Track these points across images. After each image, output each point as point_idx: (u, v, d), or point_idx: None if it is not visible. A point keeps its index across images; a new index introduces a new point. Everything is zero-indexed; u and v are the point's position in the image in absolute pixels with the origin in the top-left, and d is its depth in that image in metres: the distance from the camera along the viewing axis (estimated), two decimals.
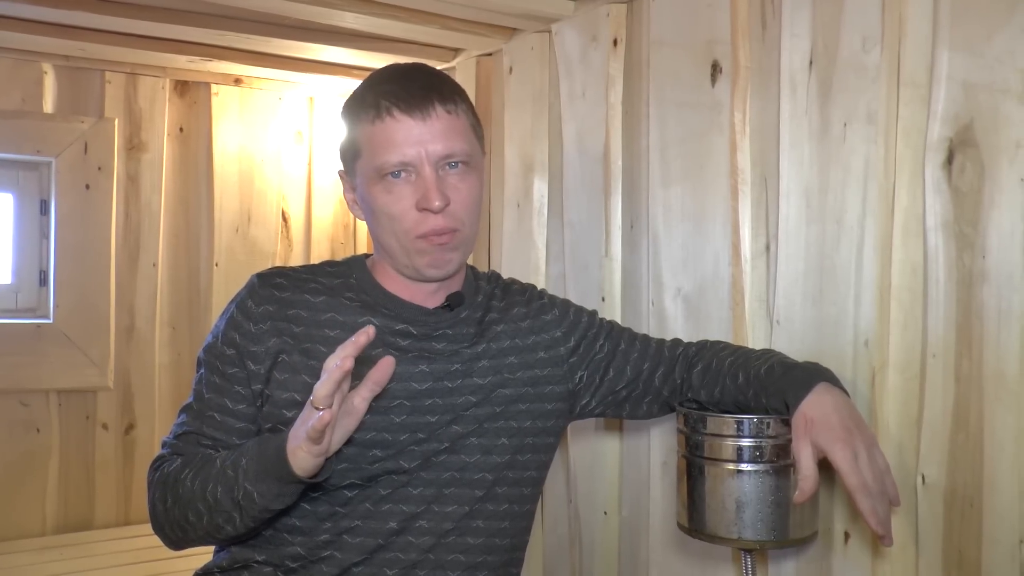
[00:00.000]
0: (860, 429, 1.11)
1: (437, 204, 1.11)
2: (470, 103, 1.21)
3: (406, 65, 1.22)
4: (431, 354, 1.18)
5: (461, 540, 1.18)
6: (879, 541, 1.09)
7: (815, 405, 1.12)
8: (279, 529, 1.15)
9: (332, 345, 1.05)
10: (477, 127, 1.21)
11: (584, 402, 1.33)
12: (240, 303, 1.18)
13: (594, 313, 1.38)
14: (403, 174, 1.13)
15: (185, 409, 1.19)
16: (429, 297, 1.21)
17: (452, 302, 1.22)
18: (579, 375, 1.31)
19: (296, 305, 1.17)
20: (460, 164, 1.15)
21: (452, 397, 1.18)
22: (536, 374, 1.26)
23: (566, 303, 1.37)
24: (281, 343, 1.14)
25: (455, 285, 1.24)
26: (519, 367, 1.24)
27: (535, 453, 1.26)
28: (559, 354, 1.29)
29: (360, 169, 1.16)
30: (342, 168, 1.23)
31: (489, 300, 1.28)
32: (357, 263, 1.25)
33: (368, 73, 2.40)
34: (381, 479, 1.15)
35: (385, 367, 0.99)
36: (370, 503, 1.15)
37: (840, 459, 1.07)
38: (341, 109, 1.22)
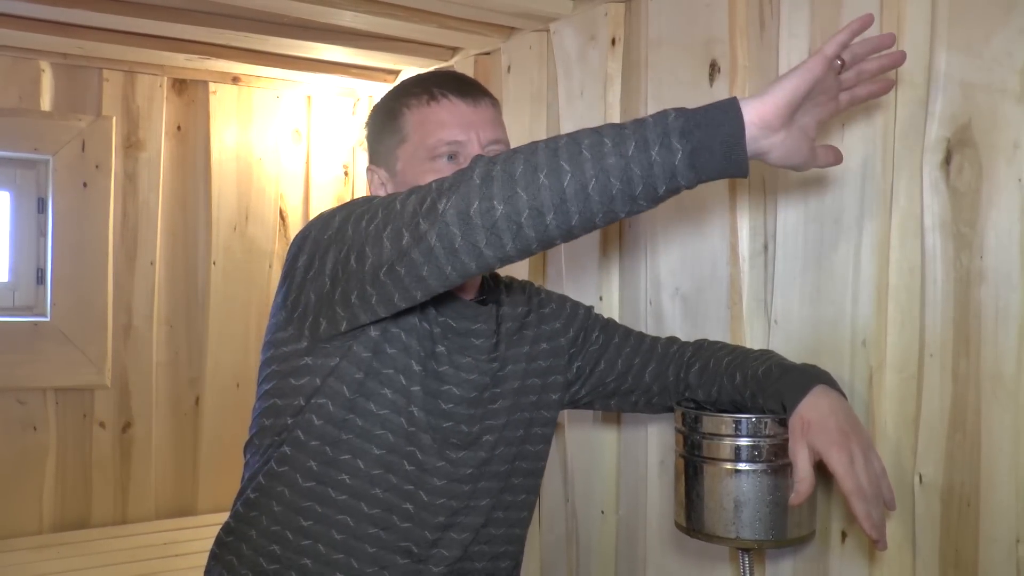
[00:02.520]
0: (857, 432, 1.11)
1: None
2: None
3: (450, 71, 1.32)
4: (471, 347, 1.20)
5: (486, 531, 1.20)
6: (875, 545, 1.09)
7: (812, 407, 1.12)
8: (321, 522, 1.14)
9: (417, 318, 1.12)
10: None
11: (574, 389, 1.36)
12: None
13: (590, 308, 1.42)
14: (452, 157, 1.15)
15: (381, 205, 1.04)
16: (465, 286, 1.22)
17: (488, 297, 1.25)
18: (575, 365, 1.35)
19: None
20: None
21: (487, 391, 1.21)
22: (541, 366, 1.29)
23: (562, 297, 1.40)
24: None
25: (477, 279, 1.26)
26: (527, 359, 1.27)
27: (544, 444, 1.30)
28: (560, 345, 1.33)
29: (405, 153, 1.18)
30: (371, 163, 1.24)
31: (498, 297, 1.30)
32: None
33: (367, 72, 2.42)
34: (439, 467, 1.15)
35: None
36: (424, 492, 1.15)
37: (836, 463, 1.07)
38: (376, 109, 1.25)
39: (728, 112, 0.88)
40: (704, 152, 0.88)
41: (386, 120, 1.21)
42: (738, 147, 0.88)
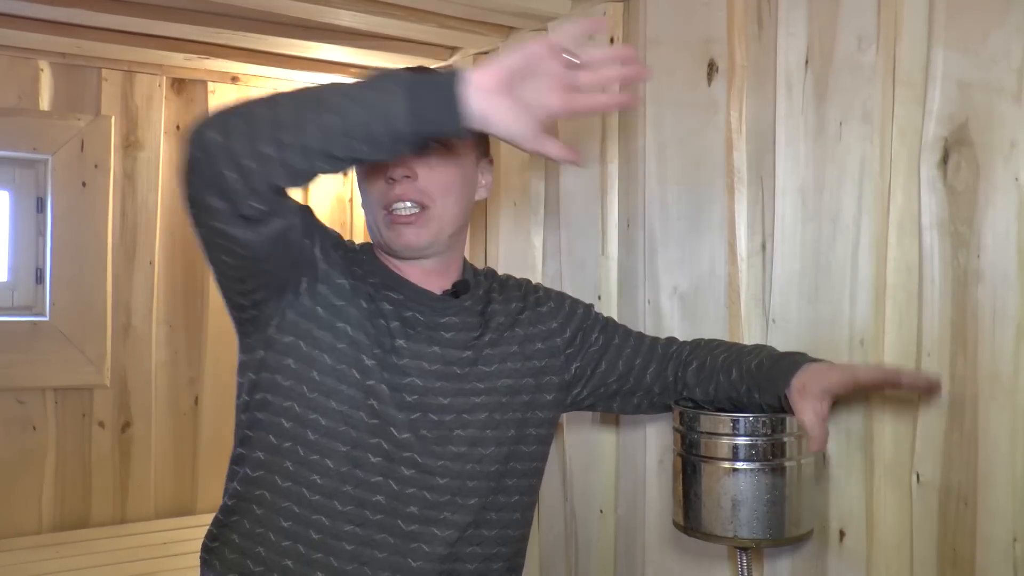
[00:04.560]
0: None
1: (398, 171, 1.14)
2: None
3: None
4: (441, 339, 1.20)
5: (477, 532, 1.19)
6: (931, 391, 1.14)
7: (803, 374, 1.16)
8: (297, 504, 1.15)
9: (337, 316, 1.14)
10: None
11: (576, 391, 1.34)
12: (343, 244, 1.24)
13: (590, 306, 1.39)
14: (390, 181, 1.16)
15: None
16: (430, 280, 1.23)
17: (459, 288, 1.24)
18: (574, 366, 1.33)
19: (354, 265, 1.21)
20: (442, 147, 1.17)
21: (461, 383, 1.19)
22: (535, 365, 1.27)
23: (561, 295, 1.38)
24: (340, 283, 1.16)
25: (454, 274, 1.26)
26: (520, 358, 1.26)
27: (539, 444, 1.27)
28: (556, 345, 1.31)
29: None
30: None
31: (489, 293, 1.29)
32: (366, 247, 1.28)
33: (364, 71, 2.41)
34: (405, 456, 1.14)
35: None
36: (394, 482, 1.14)
37: (840, 375, 1.12)
38: None
39: (449, 72, 0.93)
40: (423, 97, 0.92)
41: None
42: (453, 97, 0.91)
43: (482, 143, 1.26)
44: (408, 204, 1.16)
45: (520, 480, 1.25)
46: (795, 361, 1.20)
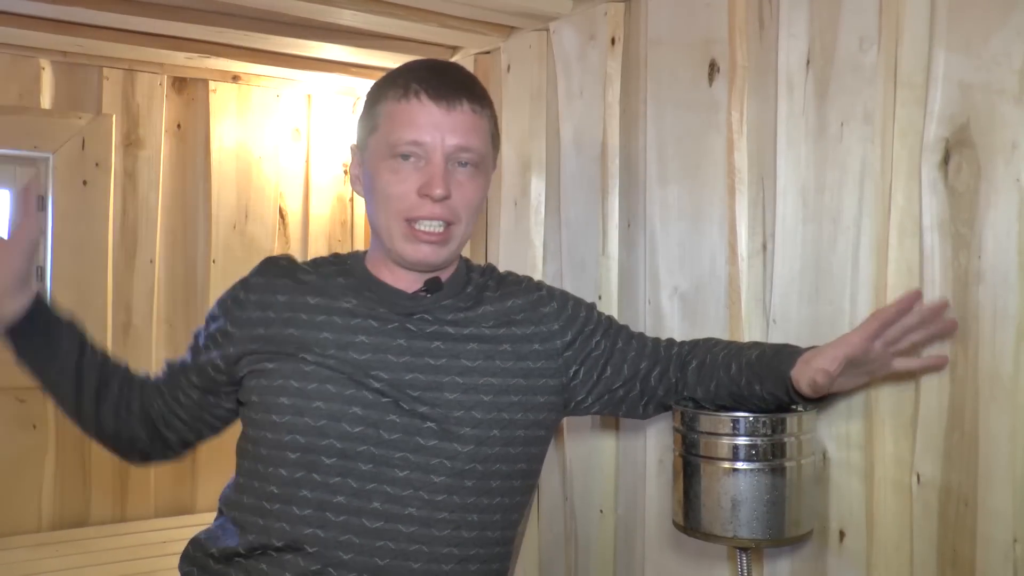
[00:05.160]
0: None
1: (439, 192, 1.14)
2: (495, 113, 1.24)
3: (445, 61, 1.28)
4: (409, 332, 1.20)
5: (456, 533, 1.16)
6: (947, 330, 1.14)
7: (809, 352, 1.17)
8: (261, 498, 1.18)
9: (312, 314, 1.19)
10: (496, 137, 1.25)
11: (580, 398, 1.31)
12: (243, 280, 1.27)
13: (592, 307, 1.36)
14: (412, 158, 1.16)
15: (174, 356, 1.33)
16: (409, 284, 1.23)
17: (429, 288, 1.23)
18: (573, 370, 1.29)
19: (286, 279, 1.24)
20: (470, 165, 1.18)
21: (437, 375, 1.18)
22: (529, 366, 1.24)
23: (564, 295, 1.35)
24: (264, 316, 1.21)
25: (442, 275, 1.26)
26: (511, 357, 1.23)
27: (526, 446, 1.24)
28: (554, 347, 1.28)
29: (373, 143, 1.19)
30: (355, 142, 1.26)
31: (481, 291, 1.27)
32: (356, 255, 1.30)
33: (367, 71, 2.42)
34: (362, 451, 1.14)
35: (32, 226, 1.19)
36: (353, 479, 1.14)
37: (850, 339, 1.12)
38: (369, 90, 1.24)
39: None
40: None
41: (369, 104, 1.22)
42: None
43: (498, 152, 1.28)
44: (437, 223, 1.17)
45: (503, 482, 1.21)
46: (797, 348, 1.21)
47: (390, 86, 1.18)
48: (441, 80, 1.17)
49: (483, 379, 1.20)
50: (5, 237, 1.14)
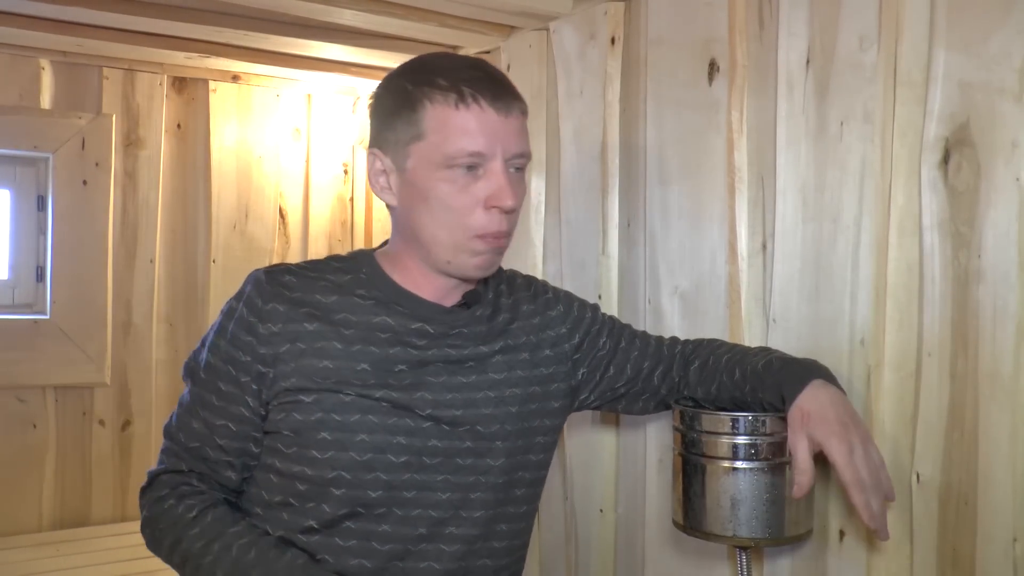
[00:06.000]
0: (856, 424, 1.11)
1: (511, 204, 1.08)
2: None
3: (475, 58, 1.17)
4: (448, 357, 1.14)
5: (487, 545, 1.15)
6: (875, 535, 1.10)
7: (811, 399, 1.13)
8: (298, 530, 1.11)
9: (348, 343, 1.09)
10: None
11: (583, 397, 1.31)
12: (248, 301, 1.12)
13: (596, 308, 1.36)
14: (471, 168, 1.07)
15: (180, 423, 1.14)
16: (446, 294, 1.16)
17: (470, 300, 1.18)
18: (581, 372, 1.29)
19: (307, 305, 1.11)
20: (521, 169, 1.13)
21: (472, 392, 1.14)
22: (543, 372, 1.22)
23: (569, 297, 1.34)
24: (293, 348, 1.09)
25: (469, 282, 1.19)
26: (529, 365, 1.21)
27: (545, 452, 1.23)
28: (564, 351, 1.26)
29: (420, 153, 1.08)
30: (374, 146, 1.13)
31: (498, 298, 1.24)
32: (365, 257, 1.19)
33: (367, 70, 2.42)
34: (406, 479, 1.10)
35: None
36: (398, 507, 1.10)
37: (836, 453, 1.07)
38: (391, 88, 1.12)
39: None
40: None
41: (401, 106, 1.09)
42: None
43: None
44: (503, 235, 1.11)
45: (528, 489, 1.20)
46: (806, 368, 1.18)
47: (434, 88, 1.07)
48: (493, 82, 1.09)
49: (509, 391, 1.17)
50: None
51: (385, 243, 1.22)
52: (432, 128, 1.07)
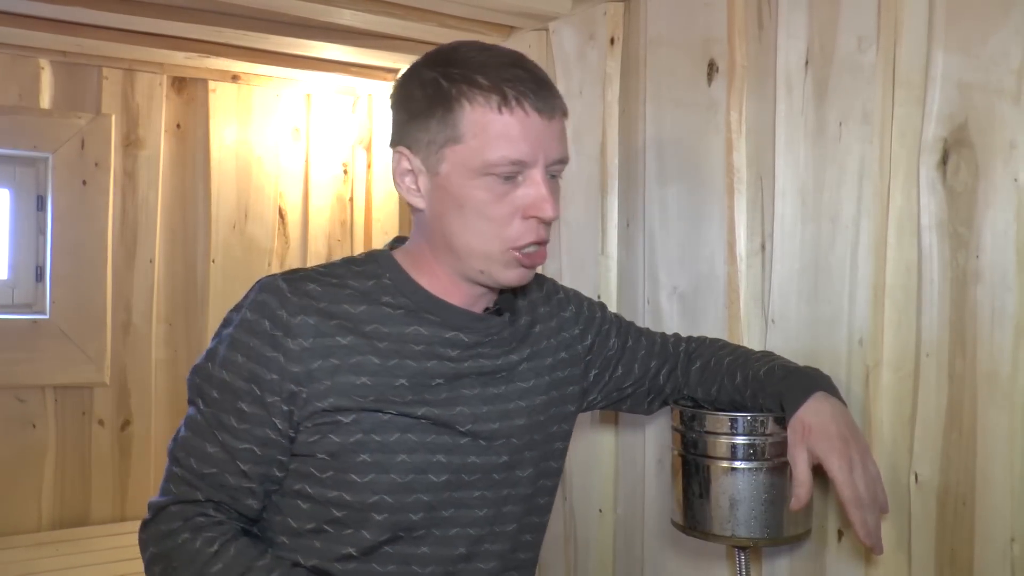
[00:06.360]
0: (856, 438, 1.11)
1: (551, 214, 1.01)
2: None
3: (513, 52, 1.04)
4: (482, 368, 1.08)
5: (515, 557, 1.12)
6: (870, 551, 1.10)
7: (813, 412, 1.12)
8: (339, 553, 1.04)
9: (384, 357, 1.01)
10: None
11: (591, 398, 1.28)
12: (269, 313, 1.00)
13: (604, 306, 1.32)
14: (510, 178, 0.99)
15: (190, 448, 1.01)
16: (474, 301, 1.09)
17: (505, 308, 1.13)
18: (592, 373, 1.25)
19: (337, 316, 1.02)
20: (558, 174, 1.05)
21: (505, 403, 1.09)
22: (560, 376, 1.18)
23: (579, 296, 1.29)
24: (327, 364, 0.99)
25: (478, 290, 1.11)
26: (550, 370, 1.16)
27: (562, 458, 1.20)
28: (577, 353, 1.22)
29: (456, 157, 0.99)
30: (400, 144, 1.04)
31: (514, 299, 1.18)
32: (385, 260, 1.09)
33: (367, 70, 2.42)
34: (445, 498, 1.05)
35: None
36: (437, 528, 1.05)
37: (836, 470, 1.07)
38: (421, 81, 1.02)
39: None
40: None
41: (435, 104, 1.00)
42: None
43: None
44: (541, 245, 1.04)
45: (548, 498, 1.17)
46: (810, 379, 1.17)
47: (474, 88, 0.98)
48: (536, 83, 1.00)
49: (537, 399, 1.13)
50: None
51: (395, 241, 1.15)
52: (471, 132, 0.98)
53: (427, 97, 1.00)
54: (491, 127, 0.98)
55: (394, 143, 1.05)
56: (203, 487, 1.01)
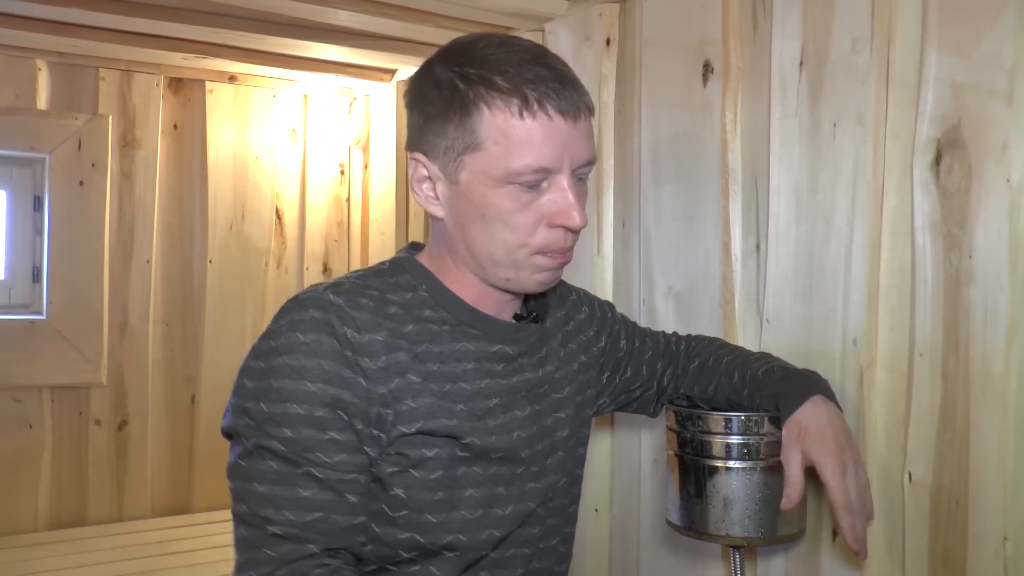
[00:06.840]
0: (850, 444, 1.12)
1: (579, 223, 0.95)
2: None
3: (533, 45, 0.97)
4: (528, 382, 1.04)
5: (547, 568, 1.09)
6: (856, 556, 1.10)
7: (810, 415, 1.12)
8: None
9: (440, 381, 0.95)
10: None
11: (601, 401, 1.25)
12: (335, 332, 0.90)
13: (612, 306, 1.30)
14: (534, 187, 0.94)
15: (280, 501, 0.88)
16: (503, 307, 1.04)
17: (540, 313, 1.09)
18: (605, 375, 1.23)
19: (396, 335, 0.94)
20: (585, 177, 0.99)
21: (550, 419, 1.07)
22: (582, 380, 1.15)
23: (589, 296, 1.26)
24: (404, 382, 0.93)
25: (507, 296, 1.05)
26: (575, 375, 1.13)
27: (583, 464, 1.17)
28: (593, 356, 1.19)
29: (477, 165, 0.93)
30: (417, 150, 0.98)
31: (547, 303, 1.14)
32: (415, 269, 1.01)
33: (364, 71, 2.42)
34: (514, 530, 1.01)
35: None
36: (496, 553, 1.01)
37: (830, 474, 1.07)
38: (436, 82, 0.95)
39: None
40: None
41: (452, 108, 0.93)
42: None
43: None
44: (568, 249, 0.99)
45: (576, 506, 1.14)
46: (807, 381, 1.17)
47: (492, 91, 0.91)
48: (559, 81, 0.93)
49: (572, 407, 1.11)
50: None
51: (412, 246, 1.09)
52: (491, 139, 0.92)
53: (443, 100, 0.94)
54: (512, 134, 0.91)
55: (410, 148, 0.99)
56: (313, 536, 0.88)
